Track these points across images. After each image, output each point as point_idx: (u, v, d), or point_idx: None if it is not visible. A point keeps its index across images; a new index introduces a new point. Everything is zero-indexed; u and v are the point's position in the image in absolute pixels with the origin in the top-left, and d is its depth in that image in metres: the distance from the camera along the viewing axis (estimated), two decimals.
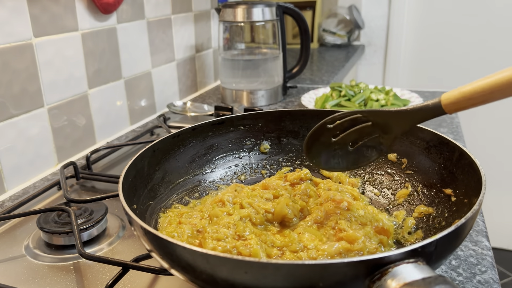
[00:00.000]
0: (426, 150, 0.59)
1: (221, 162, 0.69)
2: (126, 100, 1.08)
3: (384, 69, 2.22)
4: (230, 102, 1.25)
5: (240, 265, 0.34)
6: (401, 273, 0.32)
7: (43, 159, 0.85)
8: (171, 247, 0.37)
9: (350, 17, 2.08)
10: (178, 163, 0.64)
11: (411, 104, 0.45)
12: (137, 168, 0.55)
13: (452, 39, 2.06)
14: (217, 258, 0.35)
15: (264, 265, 0.34)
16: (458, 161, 0.52)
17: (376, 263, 0.33)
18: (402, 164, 0.62)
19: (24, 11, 0.78)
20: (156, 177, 0.59)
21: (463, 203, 0.49)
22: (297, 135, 0.71)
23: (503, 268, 2.10)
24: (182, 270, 0.39)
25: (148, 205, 0.55)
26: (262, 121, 0.70)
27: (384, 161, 0.64)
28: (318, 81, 1.51)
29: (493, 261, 0.55)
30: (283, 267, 0.33)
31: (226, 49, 1.25)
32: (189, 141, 0.65)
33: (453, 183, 0.53)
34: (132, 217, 0.41)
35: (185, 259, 0.37)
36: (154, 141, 0.59)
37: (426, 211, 0.54)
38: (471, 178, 0.48)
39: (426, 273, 0.32)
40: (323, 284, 0.34)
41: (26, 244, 0.62)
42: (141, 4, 1.09)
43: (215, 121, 0.68)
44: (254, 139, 0.71)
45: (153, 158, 0.59)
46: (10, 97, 0.77)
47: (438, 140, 0.57)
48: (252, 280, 0.35)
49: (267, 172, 0.70)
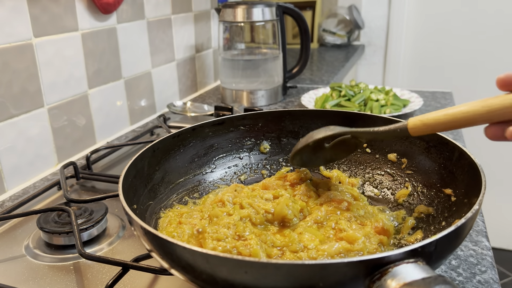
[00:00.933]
0: (426, 150, 0.59)
1: (221, 162, 0.69)
2: (126, 100, 1.08)
3: (384, 69, 2.22)
4: (230, 102, 1.25)
5: (240, 265, 0.34)
6: (401, 273, 0.32)
7: (43, 159, 0.85)
8: (171, 247, 0.37)
9: (350, 17, 2.08)
10: (178, 163, 0.64)
11: (387, 126, 0.51)
12: (137, 168, 0.55)
13: (452, 39, 2.07)
14: (217, 258, 0.35)
15: (264, 265, 0.34)
16: (458, 161, 0.52)
17: (376, 263, 0.33)
18: (402, 164, 0.62)
19: (24, 11, 0.78)
20: (156, 177, 0.59)
21: (463, 203, 0.49)
22: (297, 135, 0.71)
23: (503, 268, 2.10)
24: (182, 270, 0.39)
25: (148, 205, 0.55)
26: (262, 121, 0.70)
27: (384, 161, 0.64)
28: (318, 81, 1.51)
29: (493, 261, 0.55)
30: (283, 267, 0.33)
31: (226, 49, 1.25)
32: (189, 141, 0.65)
33: (453, 183, 0.53)
34: (132, 217, 0.41)
35: (185, 259, 0.37)
36: (154, 141, 0.59)
37: (426, 211, 0.54)
38: (471, 178, 0.48)
39: (426, 273, 0.32)
40: (323, 284, 0.34)
41: (26, 244, 0.62)
42: (141, 4, 1.09)
43: (215, 121, 0.68)
44: (254, 139, 0.71)
45: (153, 158, 0.59)
46: (10, 97, 0.77)
47: (438, 140, 0.57)
48: (252, 280, 0.35)
49: (267, 172, 0.70)
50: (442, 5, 2.04)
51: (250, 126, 0.70)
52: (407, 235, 0.53)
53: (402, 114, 1.06)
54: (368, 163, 0.66)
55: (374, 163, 0.66)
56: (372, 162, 0.66)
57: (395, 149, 0.63)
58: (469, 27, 2.02)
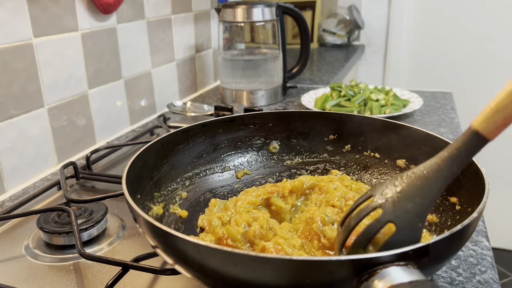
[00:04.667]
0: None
1: (229, 160, 0.69)
2: (126, 100, 1.08)
3: (384, 69, 2.22)
4: (230, 102, 1.25)
5: (229, 257, 0.35)
6: (388, 275, 0.32)
7: (43, 159, 0.85)
8: (173, 239, 0.38)
9: (350, 17, 2.08)
10: (187, 158, 0.64)
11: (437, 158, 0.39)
12: (144, 160, 0.56)
13: (452, 39, 2.07)
14: (208, 248, 0.36)
15: (253, 258, 0.34)
16: (464, 169, 0.52)
17: (365, 263, 0.33)
18: None
19: (24, 11, 0.78)
20: (164, 169, 0.60)
21: (466, 212, 0.48)
22: (306, 137, 0.71)
23: (503, 268, 2.10)
24: (171, 253, 0.40)
25: (152, 196, 0.56)
26: (272, 120, 0.70)
27: (392, 167, 0.64)
28: (318, 81, 1.51)
29: (493, 261, 0.55)
30: (271, 261, 0.34)
31: (226, 49, 1.25)
32: (199, 136, 0.66)
33: (459, 191, 0.52)
34: (134, 208, 0.41)
35: (181, 249, 0.38)
36: (155, 140, 0.60)
37: (430, 219, 0.54)
38: (476, 187, 0.48)
39: (414, 277, 0.32)
40: (311, 281, 0.34)
41: (26, 244, 0.62)
42: (141, 4, 1.09)
43: (226, 118, 0.68)
44: (264, 138, 0.71)
45: (161, 151, 0.60)
46: (10, 97, 0.77)
47: (445, 146, 0.56)
48: (241, 273, 0.35)
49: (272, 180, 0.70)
50: (442, 5, 2.04)
51: (260, 125, 0.70)
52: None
53: (402, 114, 1.06)
54: (376, 168, 0.66)
55: (382, 168, 0.65)
56: (380, 167, 0.65)
57: (404, 155, 0.63)
58: (469, 27, 2.02)
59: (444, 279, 0.52)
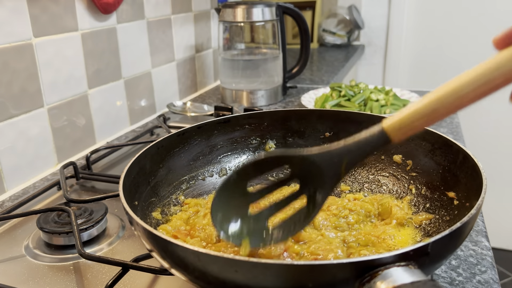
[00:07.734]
0: (431, 152, 0.58)
1: (226, 161, 0.69)
2: (126, 100, 1.08)
3: (384, 69, 2.22)
4: (230, 102, 1.25)
5: (230, 264, 0.35)
6: (390, 276, 0.32)
7: (43, 159, 0.85)
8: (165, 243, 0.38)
9: (350, 17, 2.08)
10: (183, 161, 0.64)
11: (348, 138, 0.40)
12: (140, 165, 0.55)
13: (452, 39, 2.07)
14: (208, 256, 0.35)
15: (254, 265, 0.34)
16: (462, 164, 0.52)
17: (367, 265, 0.33)
18: (407, 166, 0.62)
19: (24, 11, 0.78)
20: (160, 174, 0.60)
21: (464, 207, 0.48)
22: (302, 135, 0.70)
23: (503, 268, 2.10)
24: (164, 254, 0.40)
25: (150, 201, 0.56)
26: (268, 120, 0.70)
27: (389, 163, 0.64)
28: (318, 81, 1.51)
29: (493, 261, 0.55)
30: (272, 267, 0.33)
31: (226, 49, 1.25)
32: (194, 139, 0.65)
33: (456, 186, 0.52)
34: (130, 214, 0.41)
35: (179, 255, 0.38)
36: (155, 140, 0.59)
37: (427, 217, 0.54)
38: (473, 182, 0.48)
39: (416, 277, 0.32)
40: (313, 285, 0.34)
41: (26, 244, 0.62)
42: (141, 4, 1.09)
43: (221, 119, 0.67)
44: (260, 138, 0.71)
45: (157, 156, 0.59)
46: (10, 97, 0.77)
47: (443, 142, 0.56)
48: (243, 279, 0.35)
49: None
50: (442, 5, 2.04)
51: (256, 125, 0.70)
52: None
53: None
54: (373, 164, 0.66)
55: (379, 164, 0.65)
56: (377, 163, 0.65)
57: (401, 151, 0.63)
58: (469, 27, 2.02)
59: (444, 279, 0.52)
